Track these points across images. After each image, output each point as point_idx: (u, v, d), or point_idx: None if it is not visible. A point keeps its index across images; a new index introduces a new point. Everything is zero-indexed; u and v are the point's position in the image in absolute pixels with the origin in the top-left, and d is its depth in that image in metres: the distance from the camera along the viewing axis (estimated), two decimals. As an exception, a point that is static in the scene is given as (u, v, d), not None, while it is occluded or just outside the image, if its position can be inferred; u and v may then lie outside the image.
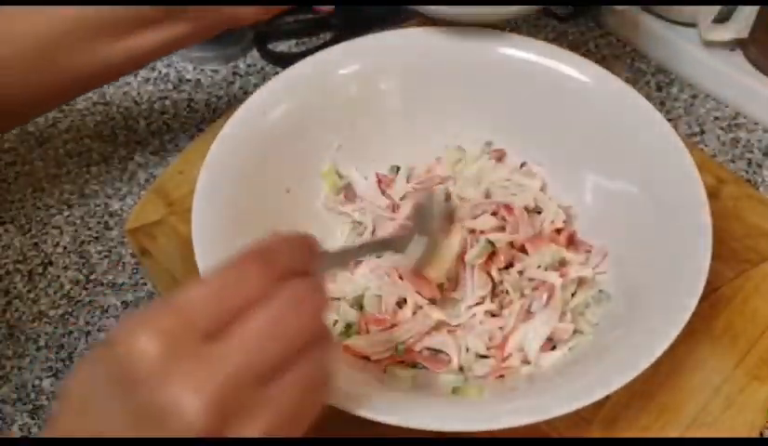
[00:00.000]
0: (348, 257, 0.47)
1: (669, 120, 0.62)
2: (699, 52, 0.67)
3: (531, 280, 0.48)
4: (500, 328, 0.46)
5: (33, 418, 0.49)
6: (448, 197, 0.51)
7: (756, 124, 0.65)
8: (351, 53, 0.54)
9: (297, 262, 0.32)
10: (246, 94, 0.62)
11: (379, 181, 0.54)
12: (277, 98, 0.52)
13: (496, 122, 0.55)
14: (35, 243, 0.58)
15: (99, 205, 0.60)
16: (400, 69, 0.54)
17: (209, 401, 0.27)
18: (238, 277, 0.30)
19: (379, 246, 0.47)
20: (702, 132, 0.64)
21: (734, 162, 0.62)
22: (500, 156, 0.55)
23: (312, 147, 0.53)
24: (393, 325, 0.46)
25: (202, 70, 0.70)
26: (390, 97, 0.54)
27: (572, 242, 0.50)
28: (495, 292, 0.48)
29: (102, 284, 0.55)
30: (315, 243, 0.34)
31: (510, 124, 0.55)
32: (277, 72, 0.52)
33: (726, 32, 0.64)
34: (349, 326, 0.47)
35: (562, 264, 0.48)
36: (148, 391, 0.27)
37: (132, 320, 0.29)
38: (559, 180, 0.53)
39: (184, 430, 0.27)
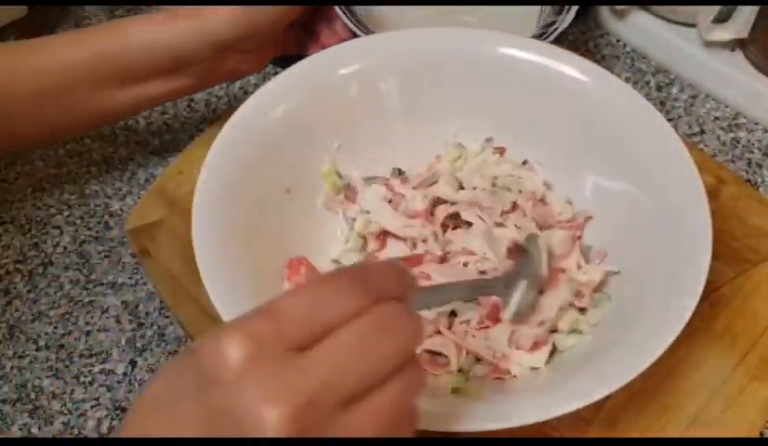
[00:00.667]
0: (444, 296, 0.43)
1: (669, 120, 0.62)
2: (699, 52, 0.67)
3: None
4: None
5: (32, 418, 0.49)
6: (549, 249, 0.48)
7: (756, 124, 0.65)
8: (351, 53, 0.54)
9: (393, 288, 0.31)
10: (247, 94, 0.63)
11: (389, 201, 0.52)
12: (277, 99, 0.51)
13: (496, 121, 0.55)
14: (35, 243, 0.58)
15: (99, 205, 0.60)
16: (399, 68, 0.54)
17: (290, 415, 0.26)
18: (334, 292, 0.29)
19: (480, 288, 0.45)
20: (702, 132, 0.64)
21: (734, 162, 0.62)
22: (501, 152, 0.55)
23: (312, 147, 0.53)
24: None
25: (202, 70, 0.70)
26: (390, 96, 0.54)
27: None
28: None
29: (102, 284, 0.55)
30: (413, 276, 0.33)
31: (510, 123, 0.54)
32: (276, 72, 0.52)
33: (726, 32, 0.64)
34: None
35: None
36: (227, 394, 0.26)
37: (220, 328, 0.28)
38: (559, 180, 0.53)
39: (259, 438, 0.26)
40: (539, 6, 0.67)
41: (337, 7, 0.65)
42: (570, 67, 0.52)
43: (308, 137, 0.52)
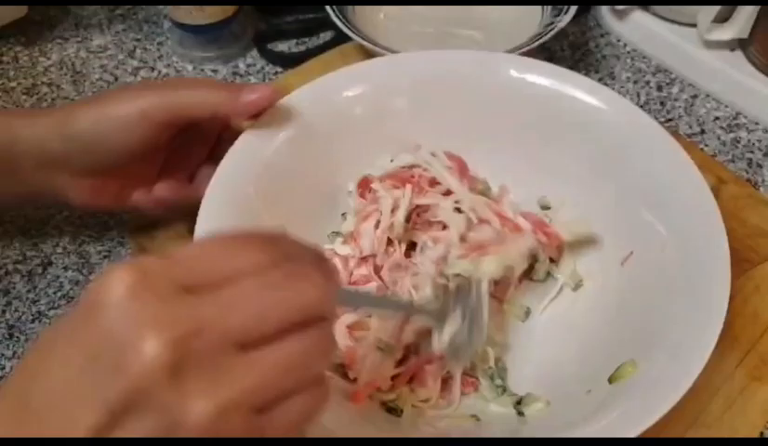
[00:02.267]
0: (370, 302, 0.42)
1: (669, 120, 0.62)
2: (699, 52, 0.67)
3: None
4: None
5: (32, 418, 0.49)
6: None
7: (756, 124, 0.65)
8: (358, 75, 0.54)
9: (307, 260, 0.29)
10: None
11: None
12: (281, 123, 0.50)
13: (507, 145, 0.54)
14: (35, 243, 0.58)
15: (98, 205, 0.60)
16: (408, 90, 0.54)
17: (169, 340, 0.24)
18: (238, 247, 0.28)
19: (409, 308, 0.44)
20: (702, 132, 0.64)
21: (734, 162, 0.62)
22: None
23: (321, 174, 0.52)
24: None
25: (202, 69, 0.70)
26: (398, 118, 0.54)
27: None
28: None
29: (102, 284, 0.55)
30: (334, 266, 0.31)
31: (520, 148, 0.54)
32: (276, 72, 0.52)
33: (726, 32, 0.64)
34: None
35: None
36: (107, 318, 0.25)
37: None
38: (571, 201, 0.52)
39: (138, 368, 0.24)
40: (540, 10, 0.68)
41: (329, 8, 0.65)
42: (581, 91, 0.52)
43: (314, 160, 0.51)
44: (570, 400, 0.43)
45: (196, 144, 0.52)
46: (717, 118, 0.65)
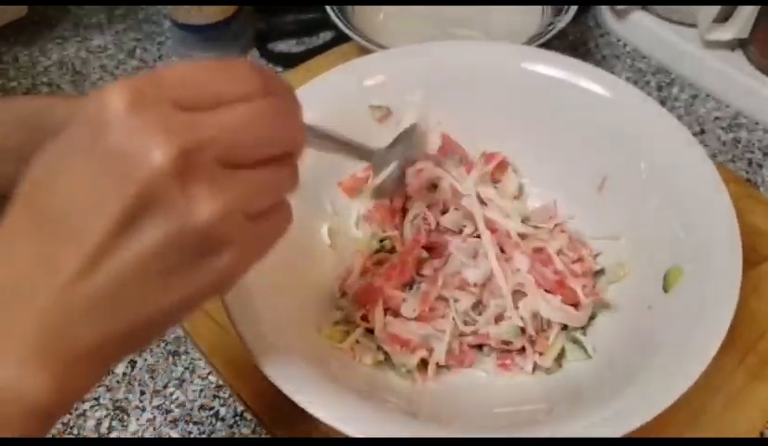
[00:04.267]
0: (326, 142, 0.43)
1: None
2: (699, 52, 0.67)
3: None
4: None
5: (32, 418, 0.49)
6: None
7: (756, 123, 0.65)
8: (373, 66, 0.53)
9: (284, 89, 0.31)
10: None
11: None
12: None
13: (518, 135, 0.54)
14: (35, 243, 0.58)
15: (98, 205, 0.60)
16: (423, 83, 0.53)
17: (175, 154, 0.26)
18: (227, 71, 0.29)
19: (358, 152, 0.46)
20: (702, 132, 0.64)
21: (734, 162, 0.62)
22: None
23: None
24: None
25: (202, 70, 0.70)
26: (413, 110, 0.53)
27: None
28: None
29: (102, 284, 0.55)
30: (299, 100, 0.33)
31: (532, 136, 0.54)
32: (276, 72, 0.52)
33: (726, 32, 0.64)
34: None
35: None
36: (113, 134, 0.26)
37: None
38: (579, 199, 0.52)
39: (148, 173, 0.26)
40: (540, 10, 0.68)
41: (329, 8, 0.65)
42: (595, 83, 0.51)
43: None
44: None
45: None
46: (717, 118, 0.65)
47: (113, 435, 0.47)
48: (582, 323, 0.47)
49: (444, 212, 0.51)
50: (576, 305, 0.47)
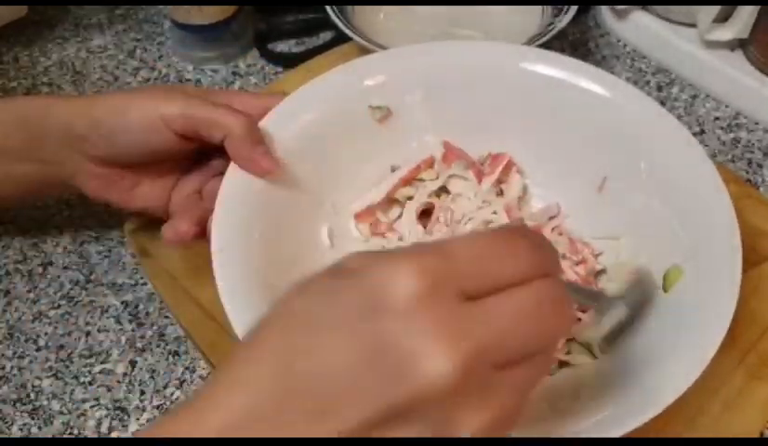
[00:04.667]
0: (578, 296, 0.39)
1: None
2: (699, 52, 0.67)
3: None
4: None
5: (32, 418, 0.49)
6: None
7: (756, 123, 0.65)
8: (373, 66, 0.53)
9: (554, 262, 0.30)
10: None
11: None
12: (299, 110, 0.50)
13: (519, 135, 0.54)
14: (35, 243, 0.58)
15: (99, 205, 0.60)
16: (423, 83, 0.53)
17: (457, 363, 0.24)
18: (510, 250, 0.27)
19: (595, 298, 0.41)
20: (702, 132, 0.64)
21: (734, 162, 0.62)
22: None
23: (331, 159, 0.52)
24: None
25: (202, 70, 0.70)
26: (414, 111, 0.53)
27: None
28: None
29: (102, 284, 0.55)
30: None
31: (533, 137, 0.53)
32: (276, 72, 0.52)
33: (726, 32, 0.64)
34: None
35: None
36: (395, 326, 0.24)
37: (389, 255, 0.26)
38: (581, 197, 0.52)
39: (424, 380, 0.24)
40: (540, 10, 0.68)
41: (329, 8, 0.65)
42: (595, 83, 0.51)
43: (326, 150, 0.51)
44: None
45: (217, 157, 0.51)
46: (717, 118, 0.66)
47: (113, 435, 0.47)
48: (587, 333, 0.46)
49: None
50: (582, 310, 0.46)
